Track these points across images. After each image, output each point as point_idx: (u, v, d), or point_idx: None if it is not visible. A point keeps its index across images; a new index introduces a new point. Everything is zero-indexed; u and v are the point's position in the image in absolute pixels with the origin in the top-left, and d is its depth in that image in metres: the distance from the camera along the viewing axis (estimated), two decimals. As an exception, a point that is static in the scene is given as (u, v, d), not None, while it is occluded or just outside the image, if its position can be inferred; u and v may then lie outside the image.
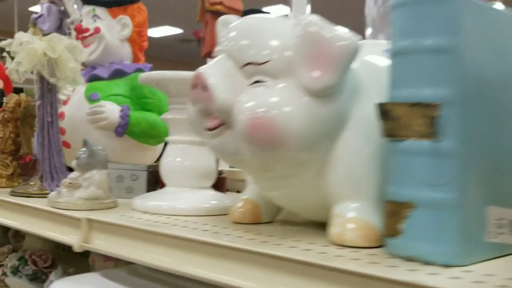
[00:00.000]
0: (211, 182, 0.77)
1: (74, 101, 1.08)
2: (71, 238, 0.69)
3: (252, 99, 0.51)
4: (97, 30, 1.10)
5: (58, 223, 0.72)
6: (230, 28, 0.57)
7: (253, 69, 0.52)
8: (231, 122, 0.53)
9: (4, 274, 1.04)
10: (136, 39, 1.16)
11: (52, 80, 0.86)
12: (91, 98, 1.06)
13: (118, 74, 1.11)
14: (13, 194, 0.87)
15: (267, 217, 0.66)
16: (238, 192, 1.07)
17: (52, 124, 0.89)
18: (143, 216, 0.70)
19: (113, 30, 1.12)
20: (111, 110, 1.04)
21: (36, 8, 0.94)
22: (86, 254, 1.31)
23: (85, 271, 1.12)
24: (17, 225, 0.77)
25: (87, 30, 1.10)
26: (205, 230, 0.61)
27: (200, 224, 0.65)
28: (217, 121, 0.54)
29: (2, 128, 0.99)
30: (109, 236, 0.66)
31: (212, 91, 0.53)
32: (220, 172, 0.94)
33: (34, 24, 0.87)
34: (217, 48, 0.59)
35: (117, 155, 1.06)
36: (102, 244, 0.66)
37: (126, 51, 1.15)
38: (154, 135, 1.08)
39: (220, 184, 0.89)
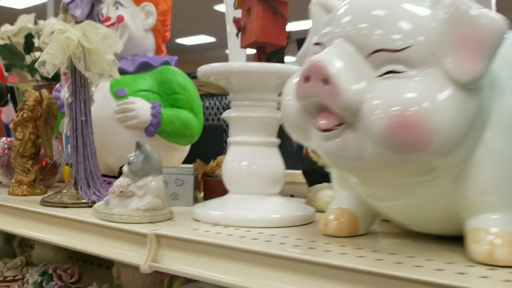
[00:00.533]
0: (280, 187, 0.69)
1: (98, 98, 0.97)
2: (135, 256, 0.59)
3: (387, 93, 0.43)
4: (120, 19, 1.00)
5: (116, 239, 0.62)
6: (342, 11, 0.48)
7: (386, 57, 0.44)
8: (354, 121, 0.45)
9: (24, 291, 0.93)
10: (160, 29, 1.06)
11: (87, 74, 0.76)
12: (118, 95, 0.96)
13: (144, 67, 1.01)
14: (45, 204, 0.77)
15: (364, 229, 0.58)
16: (292, 196, 0.99)
17: (87, 124, 0.79)
18: (211, 229, 0.61)
19: (137, 19, 1.02)
20: (142, 108, 0.94)
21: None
22: (106, 264, 1.22)
23: (111, 283, 1.02)
24: (65, 241, 0.67)
25: (108, 19, 0.99)
26: (296, 246, 0.53)
27: (280, 237, 0.57)
28: (335, 120, 0.46)
29: (21, 129, 0.87)
30: (180, 253, 0.57)
31: (336, 84, 0.44)
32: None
33: (65, 10, 0.76)
34: (318, 37, 0.50)
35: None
36: (173, 262, 0.57)
37: (149, 42, 1.05)
38: (187, 135, 0.98)
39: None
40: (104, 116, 0.93)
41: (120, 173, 0.94)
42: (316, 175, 0.79)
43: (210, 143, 1.40)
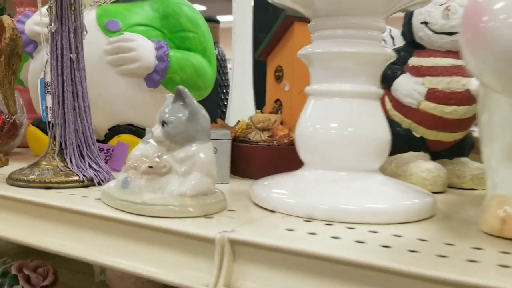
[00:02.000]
0: (383, 161, 0.47)
1: (79, 33, 0.71)
2: (192, 275, 0.36)
3: None
4: None
5: (154, 246, 0.38)
6: None
7: None
8: None
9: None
10: None
11: (78, -12, 0.50)
12: (109, 29, 0.69)
13: (140, -7, 0.75)
14: (16, 183, 0.51)
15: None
16: None
17: (78, 64, 0.53)
18: (297, 225, 0.39)
19: None
20: (144, 47, 0.68)
21: None
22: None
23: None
24: (63, 247, 0.42)
25: None
26: (473, 262, 0.32)
27: (419, 243, 0.36)
28: None
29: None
30: (268, 271, 0.35)
31: None
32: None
33: None
34: None
35: (145, 115, 0.72)
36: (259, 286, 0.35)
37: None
38: (200, 86, 0.74)
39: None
40: (90, 58, 0.66)
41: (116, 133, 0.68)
42: (401, 140, 0.58)
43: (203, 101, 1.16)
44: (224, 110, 1.30)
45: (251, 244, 0.35)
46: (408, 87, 0.58)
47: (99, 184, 0.52)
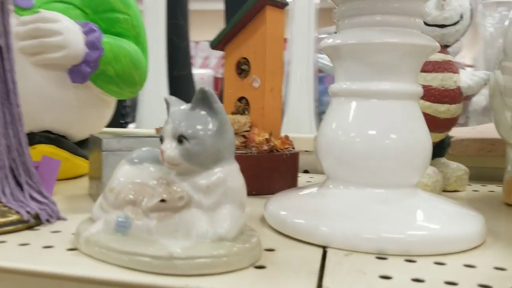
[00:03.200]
0: (422, 175, 0.40)
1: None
2: None
3: None
4: None
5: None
6: None
7: None
8: None
9: None
10: None
11: None
12: (19, 4, 0.52)
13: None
14: None
15: None
16: (306, 172, 0.69)
17: (8, 54, 0.37)
18: (393, 269, 0.31)
19: None
20: (69, 30, 0.52)
21: None
22: None
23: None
24: None
25: None
26: None
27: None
28: None
29: None
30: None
31: None
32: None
33: None
34: None
35: (67, 119, 0.57)
36: None
37: None
38: (135, 81, 0.60)
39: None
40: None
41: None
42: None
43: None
44: (123, 112, 1.15)
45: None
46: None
47: (48, 221, 0.37)
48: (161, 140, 0.31)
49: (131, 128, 1.11)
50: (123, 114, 1.16)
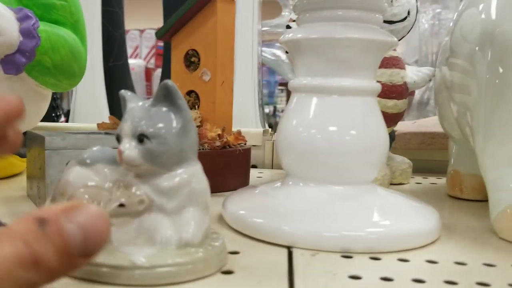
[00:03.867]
0: (378, 172, 0.40)
1: None
2: None
3: None
4: None
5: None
6: None
7: None
8: None
9: None
10: None
11: None
12: None
13: None
14: None
15: None
16: (254, 166, 0.68)
17: None
18: (357, 267, 0.31)
19: None
20: (2, 16, 0.48)
21: None
22: None
23: None
24: None
25: None
26: None
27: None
28: None
29: None
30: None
31: None
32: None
33: None
34: None
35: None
36: None
37: None
38: (75, 73, 0.56)
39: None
40: None
41: None
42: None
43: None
44: (54, 105, 1.08)
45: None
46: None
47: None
48: (118, 139, 0.29)
49: (64, 122, 1.05)
50: (54, 107, 1.10)
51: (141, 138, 0.28)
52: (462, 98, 0.44)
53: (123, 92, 0.30)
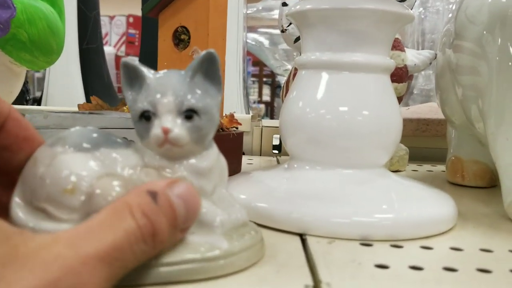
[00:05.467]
0: (391, 155, 0.38)
1: None
2: None
3: None
4: None
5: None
6: None
7: None
8: None
9: None
10: None
11: None
12: None
13: None
14: None
15: None
16: (242, 153, 0.64)
17: None
18: (387, 257, 0.28)
19: None
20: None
21: None
22: None
23: None
24: None
25: None
26: None
27: None
28: None
29: None
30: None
31: None
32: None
33: None
34: None
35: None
36: None
37: None
38: (53, 49, 0.52)
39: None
40: None
41: None
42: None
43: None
44: (23, 89, 1.02)
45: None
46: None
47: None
48: (147, 117, 0.24)
49: (36, 106, 0.99)
50: (23, 91, 1.04)
51: (189, 114, 0.24)
52: (471, 80, 0.42)
53: (129, 59, 0.26)
